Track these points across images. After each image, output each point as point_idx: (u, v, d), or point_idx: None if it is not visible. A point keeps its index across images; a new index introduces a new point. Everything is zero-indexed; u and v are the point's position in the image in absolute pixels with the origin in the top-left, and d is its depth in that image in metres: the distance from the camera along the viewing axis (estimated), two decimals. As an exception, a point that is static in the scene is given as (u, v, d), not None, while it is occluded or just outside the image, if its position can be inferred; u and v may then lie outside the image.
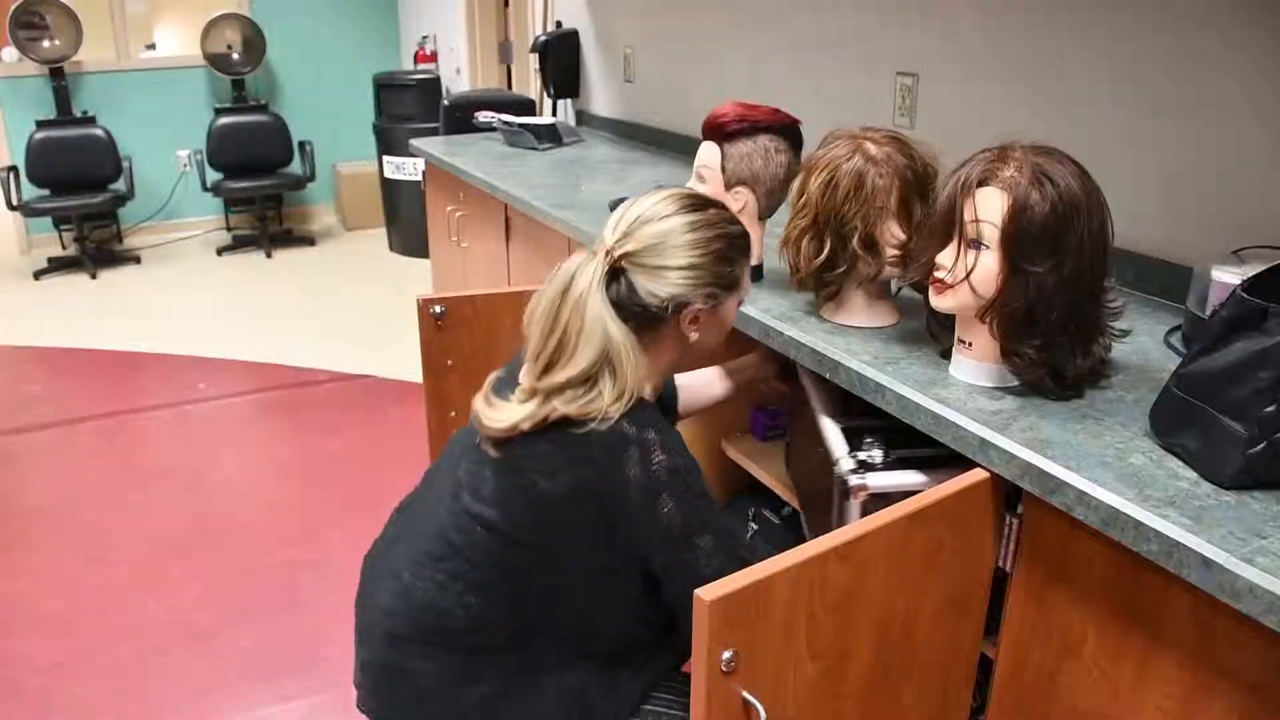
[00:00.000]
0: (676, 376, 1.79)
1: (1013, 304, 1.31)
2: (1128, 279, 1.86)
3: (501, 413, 1.39)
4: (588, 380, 1.34)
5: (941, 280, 1.37)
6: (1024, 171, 1.29)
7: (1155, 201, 1.85)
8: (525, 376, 1.39)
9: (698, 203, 1.43)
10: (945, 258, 1.36)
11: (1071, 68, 1.98)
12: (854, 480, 1.44)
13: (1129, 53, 1.86)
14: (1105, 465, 1.19)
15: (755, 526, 2.19)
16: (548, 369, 1.36)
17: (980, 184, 1.32)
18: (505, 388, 1.43)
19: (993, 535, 1.33)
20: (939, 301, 1.39)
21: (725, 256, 1.42)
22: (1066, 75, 1.99)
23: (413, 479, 1.63)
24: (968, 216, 1.32)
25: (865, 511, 1.44)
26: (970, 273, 1.33)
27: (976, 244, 1.32)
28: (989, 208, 1.30)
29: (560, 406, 1.34)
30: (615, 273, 1.38)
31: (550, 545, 1.38)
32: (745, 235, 1.47)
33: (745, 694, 1.07)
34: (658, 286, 1.38)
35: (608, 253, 1.38)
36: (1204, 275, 1.51)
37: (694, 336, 1.45)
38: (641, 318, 1.39)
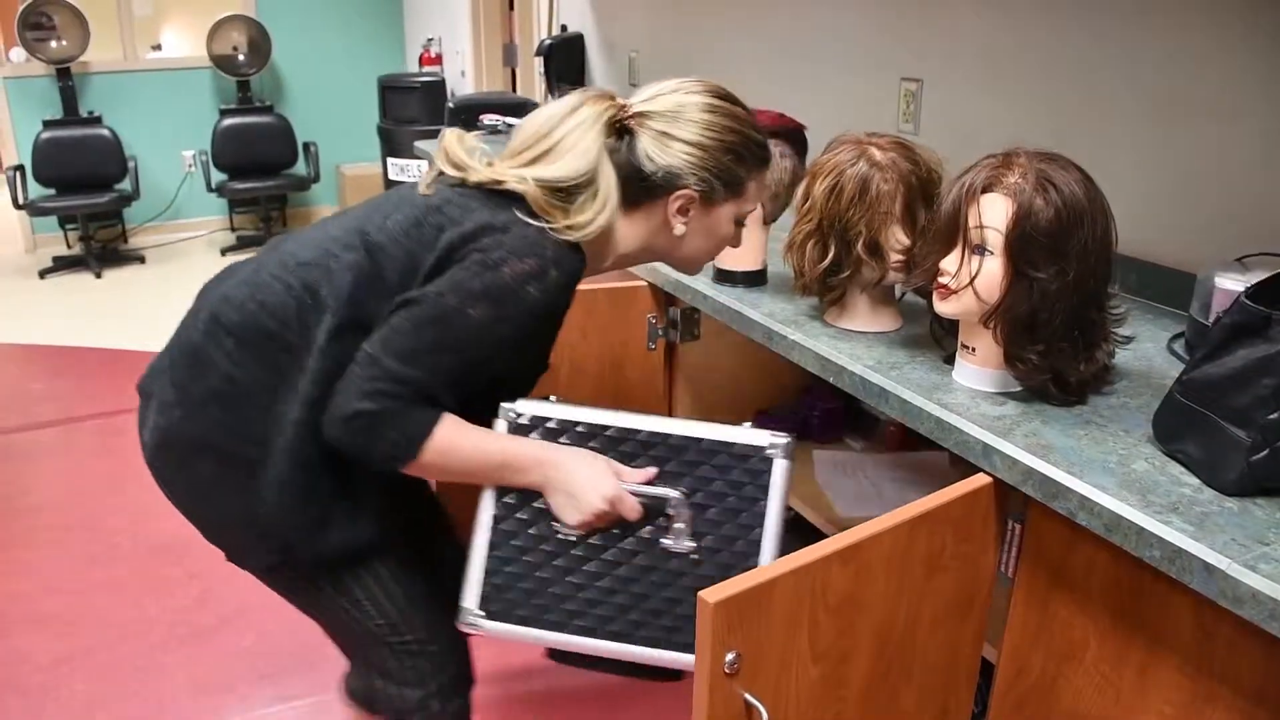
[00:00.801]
0: None
1: (1016, 309, 1.32)
2: (1131, 286, 1.86)
3: (468, 158, 1.40)
4: (565, 190, 1.35)
5: (945, 285, 1.37)
6: (1028, 178, 1.29)
7: (1159, 208, 1.85)
8: (501, 161, 1.40)
9: (727, 95, 1.43)
10: (949, 263, 1.36)
11: (1075, 74, 1.98)
12: (505, 405, 1.45)
13: (1133, 58, 1.86)
14: (1108, 471, 1.19)
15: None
16: (533, 163, 1.36)
17: (985, 190, 1.32)
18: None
19: (995, 540, 1.33)
20: (943, 307, 1.39)
21: (734, 151, 1.41)
22: (1070, 82, 2.00)
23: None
24: (972, 222, 1.33)
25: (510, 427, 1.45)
26: (974, 278, 1.33)
27: (981, 250, 1.33)
28: (993, 214, 1.31)
29: (528, 186, 1.33)
30: (622, 131, 1.39)
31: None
32: (764, 146, 1.46)
33: (747, 696, 1.08)
34: (657, 152, 1.38)
35: (623, 106, 1.39)
36: (1207, 282, 1.51)
37: (679, 229, 1.43)
38: (633, 181, 1.39)
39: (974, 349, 1.42)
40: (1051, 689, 1.30)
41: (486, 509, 1.45)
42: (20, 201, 5.74)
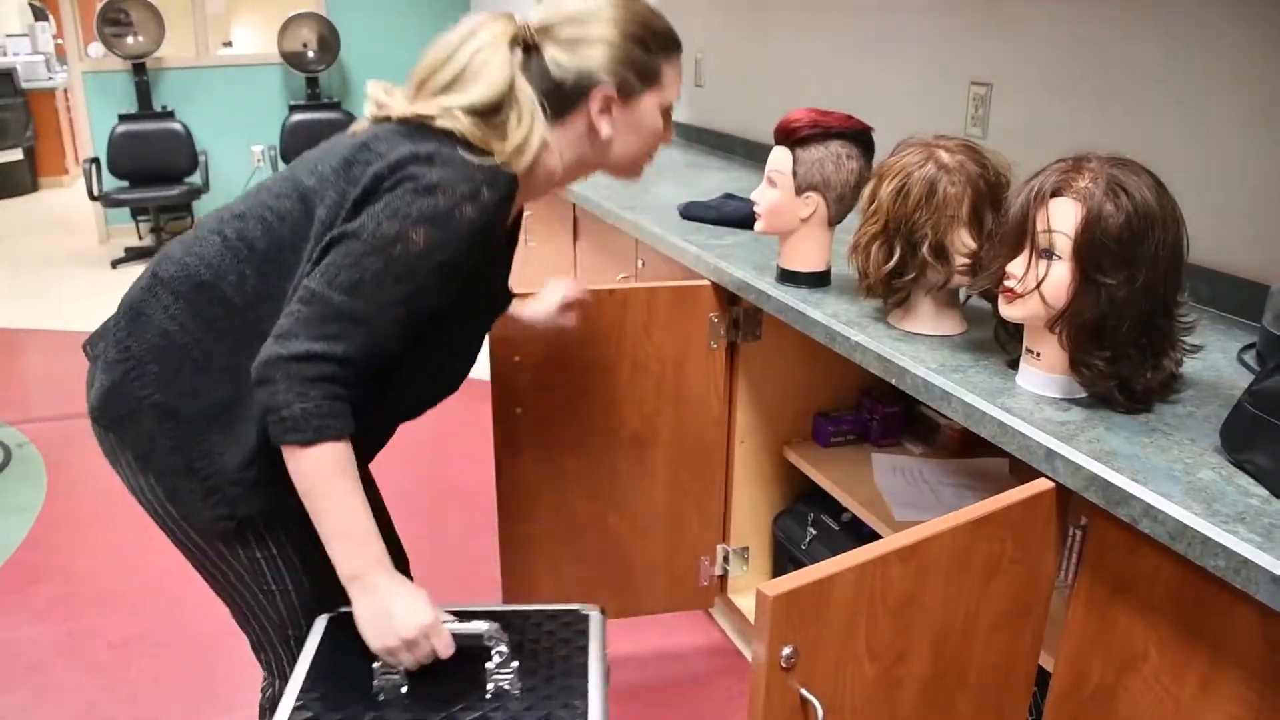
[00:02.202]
0: None
1: (1083, 315, 1.31)
2: (1202, 295, 1.84)
3: (387, 98, 1.38)
4: (489, 112, 1.32)
5: (1011, 289, 1.36)
6: (1099, 182, 1.29)
7: (1232, 217, 1.83)
8: (406, 97, 1.37)
9: None
10: (1016, 267, 1.36)
11: (1148, 79, 1.96)
12: None
13: (1206, 65, 1.84)
14: (1173, 479, 1.18)
15: (814, 531, 2.20)
16: (445, 91, 1.34)
17: (1054, 194, 1.32)
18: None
19: (1055, 546, 1.33)
20: (1008, 310, 1.39)
21: (640, 40, 1.39)
22: (1143, 87, 1.97)
23: (474, 469, 1.64)
24: (1040, 226, 1.32)
25: None
26: (1041, 282, 1.32)
27: (1048, 254, 1.32)
28: (1062, 218, 1.30)
29: (457, 121, 1.30)
30: (526, 48, 1.37)
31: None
32: (671, 33, 1.45)
33: (803, 691, 1.08)
34: (566, 58, 1.37)
35: (522, 25, 1.37)
36: (1281, 293, 1.49)
37: (605, 130, 1.41)
38: (549, 94, 1.37)
39: (1039, 354, 1.41)
40: (1109, 699, 1.29)
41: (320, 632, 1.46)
42: (95, 193, 5.90)
